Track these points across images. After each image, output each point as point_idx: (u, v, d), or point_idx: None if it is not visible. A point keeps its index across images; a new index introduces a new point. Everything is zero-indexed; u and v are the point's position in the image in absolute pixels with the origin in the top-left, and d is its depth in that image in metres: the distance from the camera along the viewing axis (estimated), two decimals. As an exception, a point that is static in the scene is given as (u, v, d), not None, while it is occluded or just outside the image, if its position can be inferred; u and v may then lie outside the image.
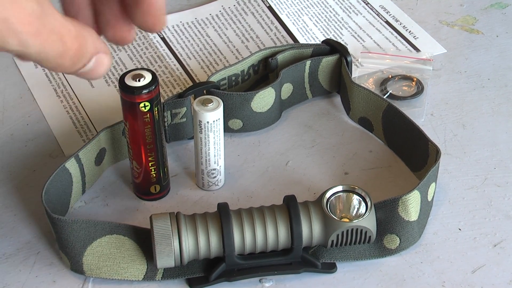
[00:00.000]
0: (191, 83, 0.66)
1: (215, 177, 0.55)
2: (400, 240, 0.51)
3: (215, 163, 0.55)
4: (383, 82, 0.65)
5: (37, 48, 0.40)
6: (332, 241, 0.49)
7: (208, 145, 0.53)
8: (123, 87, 0.50)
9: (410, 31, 0.71)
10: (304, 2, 0.75)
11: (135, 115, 0.51)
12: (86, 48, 0.44)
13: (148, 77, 0.50)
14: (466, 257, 0.52)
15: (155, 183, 0.55)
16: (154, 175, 0.54)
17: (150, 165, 0.53)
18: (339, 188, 0.51)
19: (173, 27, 0.72)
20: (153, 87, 0.50)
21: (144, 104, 0.50)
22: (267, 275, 0.50)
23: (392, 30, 0.71)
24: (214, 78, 0.59)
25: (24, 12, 0.39)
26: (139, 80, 0.50)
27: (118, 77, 0.61)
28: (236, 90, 0.61)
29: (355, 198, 0.50)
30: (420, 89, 0.64)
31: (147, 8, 0.45)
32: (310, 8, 0.74)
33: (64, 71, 0.44)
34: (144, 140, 0.52)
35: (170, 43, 0.70)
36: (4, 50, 0.40)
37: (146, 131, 0.52)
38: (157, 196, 0.55)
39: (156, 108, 0.51)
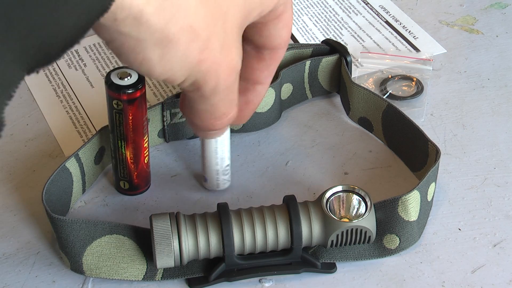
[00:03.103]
0: (191, 83, 0.66)
1: (227, 173, 0.55)
2: (400, 240, 0.51)
3: (228, 158, 0.54)
4: (383, 82, 0.65)
5: (217, 100, 0.42)
6: (332, 241, 0.49)
7: (223, 142, 0.53)
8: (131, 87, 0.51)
9: (410, 31, 0.71)
10: (304, 2, 0.75)
11: (140, 106, 0.52)
12: (229, 122, 0.45)
13: (134, 75, 0.51)
14: (466, 257, 0.52)
15: (146, 176, 0.56)
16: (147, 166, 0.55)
17: (145, 153, 0.54)
18: (339, 188, 0.51)
19: (173, 27, 0.72)
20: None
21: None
22: (267, 275, 0.50)
23: (392, 30, 0.71)
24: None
25: (230, 64, 0.40)
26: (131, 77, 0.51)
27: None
28: (236, 90, 0.61)
29: (355, 198, 0.50)
30: (420, 89, 0.64)
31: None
32: (310, 8, 0.74)
33: (198, 131, 0.46)
34: (143, 130, 0.53)
35: (170, 43, 0.70)
36: (187, 86, 0.41)
37: (144, 122, 0.53)
38: (142, 190, 0.56)
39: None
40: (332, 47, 0.62)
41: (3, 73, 0.31)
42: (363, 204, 0.50)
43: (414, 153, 0.57)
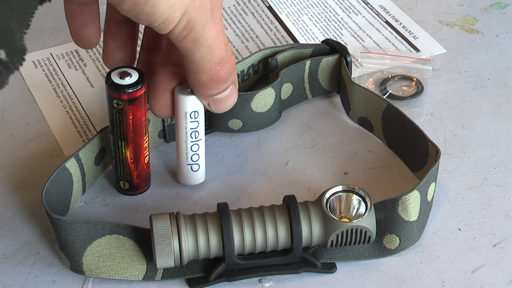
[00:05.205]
0: (191, 83, 0.66)
1: (192, 165, 0.55)
2: (400, 240, 0.51)
3: (199, 149, 0.54)
4: (383, 82, 0.65)
5: (210, 41, 0.45)
6: (332, 241, 0.49)
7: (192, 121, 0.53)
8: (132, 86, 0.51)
9: (410, 31, 0.71)
10: (304, 2, 0.75)
11: (141, 105, 0.52)
12: (233, 70, 0.47)
13: (134, 74, 0.52)
14: (466, 257, 0.52)
15: (146, 176, 0.56)
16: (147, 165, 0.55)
17: (145, 153, 0.54)
18: (339, 188, 0.51)
19: (173, 27, 0.72)
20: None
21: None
22: (267, 275, 0.50)
23: (392, 30, 0.71)
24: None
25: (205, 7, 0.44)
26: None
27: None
28: (236, 90, 0.61)
29: (355, 198, 0.50)
30: (420, 89, 0.64)
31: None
32: (310, 8, 0.74)
33: (208, 89, 0.48)
34: (143, 130, 0.53)
35: (170, 43, 0.70)
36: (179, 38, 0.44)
37: (144, 122, 0.53)
38: (143, 190, 0.56)
39: None
40: (332, 47, 0.63)
41: (21, 4, 0.35)
42: (363, 204, 0.50)
43: (414, 153, 0.57)
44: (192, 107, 0.52)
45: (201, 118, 0.53)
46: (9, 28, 0.35)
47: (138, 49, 0.55)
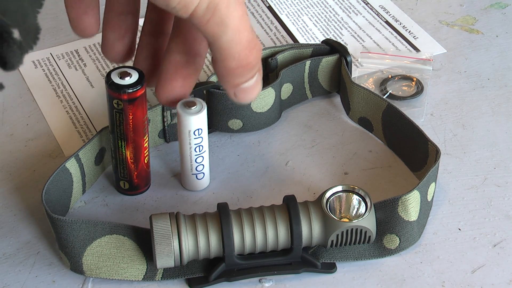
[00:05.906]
0: (191, 83, 0.66)
1: (198, 173, 0.55)
2: (400, 240, 0.51)
3: (203, 158, 0.54)
4: (383, 82, 0.65)
5: (236, 21, 0.42)
6: (332, 241, 0.49)
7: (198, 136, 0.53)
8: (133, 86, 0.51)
9: (410, 31, 0.71)
10: (304, 2, 0.75)
11: (141, 105, 0.52)
12: (260, 55, 0.46)
13: (134, 74, 0.51)
14: (466, 257, 0.52)
15: (146, 176, 0.56)
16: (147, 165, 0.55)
17: (145, 153, 0.54)
18: (339, 188, 0.51)
19: (173, 27, 0.72)
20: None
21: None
22: (267, 275, 0.50)
23: (392, 30, 0.71)
24: (214, 78, 0.60)
25: None
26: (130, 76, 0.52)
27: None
28: (236, 90, 0.61)
29: (355, 198, 0.50)
30: (420, 89, 0.64)
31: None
32: (310, 8, 0.74)
33: (237, 76, 0.46)
34: (143, 130, 0.53)
35: (170, 43, 0.70)
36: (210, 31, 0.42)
37: (144, 122, 0.53)
38: (144, 189, 0.56)
39: None
40: (332, 47, 0.63)
41: None
42: (363, 204, 0.50)
43: (414, 153, 0.57)
44: (195, 125, 0.52)
45: (205, 134, 0.53)
46: (22, 8, 0.35)
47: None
